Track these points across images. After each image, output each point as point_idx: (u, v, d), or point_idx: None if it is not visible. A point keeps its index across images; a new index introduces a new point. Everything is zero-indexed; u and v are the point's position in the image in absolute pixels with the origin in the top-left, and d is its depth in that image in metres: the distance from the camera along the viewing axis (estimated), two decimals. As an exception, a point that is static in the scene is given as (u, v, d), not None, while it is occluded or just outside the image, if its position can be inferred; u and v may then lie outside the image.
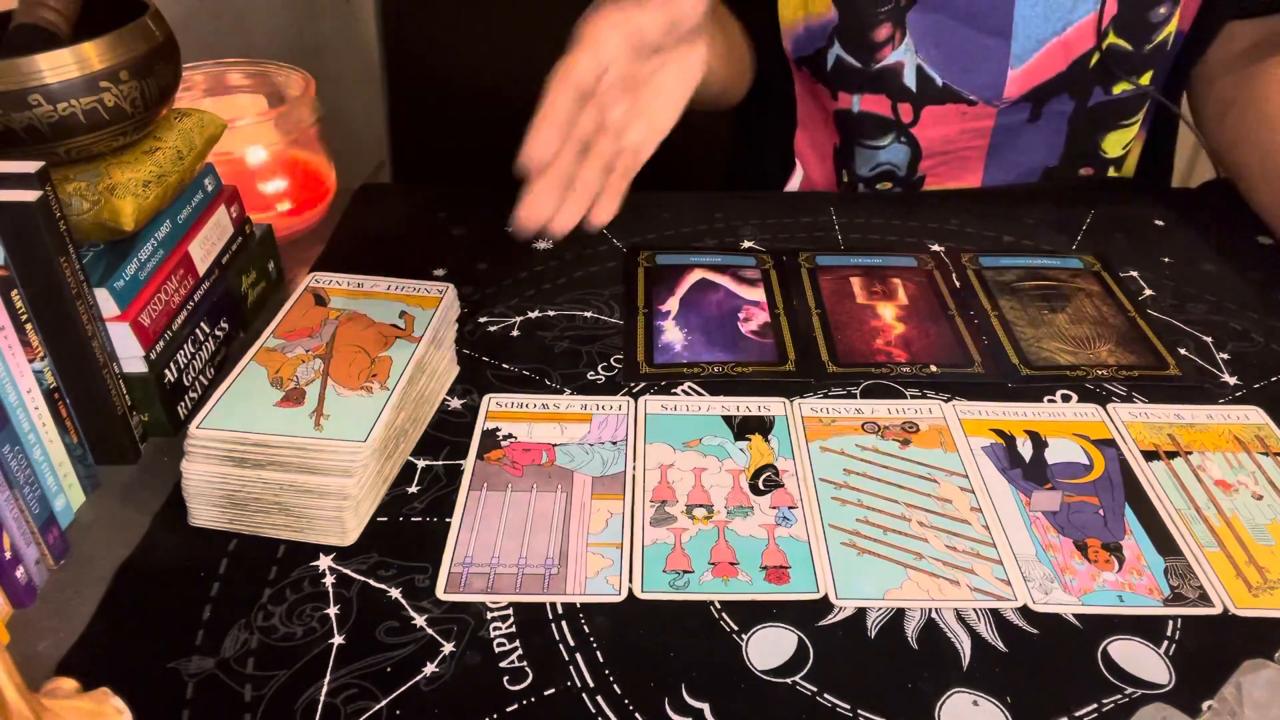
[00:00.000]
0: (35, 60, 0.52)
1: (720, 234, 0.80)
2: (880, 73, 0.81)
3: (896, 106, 0.83)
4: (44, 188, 0.49)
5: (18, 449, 0.49)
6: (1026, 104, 0.82)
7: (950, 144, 0.85)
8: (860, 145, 0.86)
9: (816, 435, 0.59)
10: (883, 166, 0.86)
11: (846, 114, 0.85)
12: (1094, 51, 0.79)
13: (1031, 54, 0.79)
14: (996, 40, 0.79)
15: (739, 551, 0.51)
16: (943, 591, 0.49)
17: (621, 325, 0.68)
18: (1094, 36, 0.78)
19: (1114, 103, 0.83)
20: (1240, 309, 0.71)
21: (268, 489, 0.51)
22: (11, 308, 0.50)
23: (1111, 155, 0.87)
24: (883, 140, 0.85)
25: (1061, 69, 0.80)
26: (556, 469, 0.56)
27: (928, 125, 0.83)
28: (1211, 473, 0.57)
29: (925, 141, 0.84)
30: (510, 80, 1.24)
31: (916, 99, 0.82)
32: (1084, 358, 0.65)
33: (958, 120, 0.83)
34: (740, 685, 0.45)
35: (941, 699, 0.44)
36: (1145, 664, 0.46)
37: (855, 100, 0.83)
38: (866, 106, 0.83)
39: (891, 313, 0.70)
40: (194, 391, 0.61)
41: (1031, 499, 0.55)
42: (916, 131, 0.84)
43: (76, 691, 0.41)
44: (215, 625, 0.47)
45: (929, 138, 0.84)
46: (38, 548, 0.50)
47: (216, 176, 0.67)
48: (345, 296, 0.60)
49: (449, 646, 0.46)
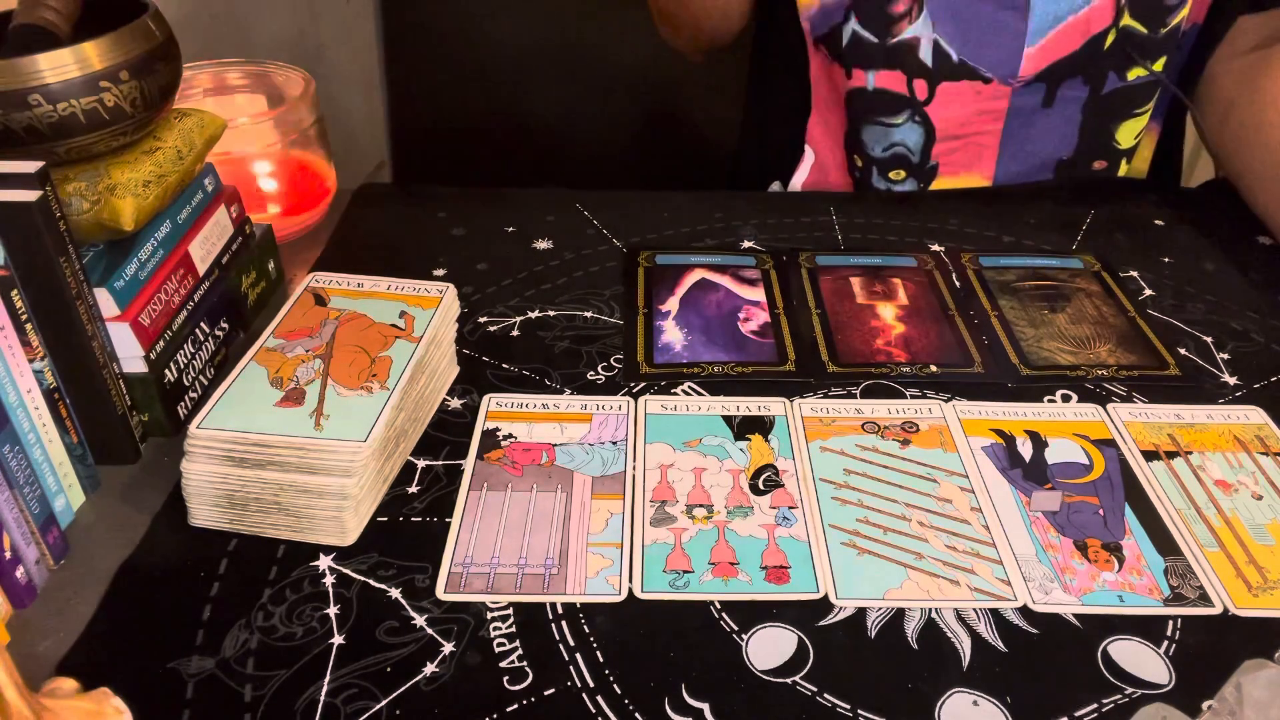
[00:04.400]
0: (35, 60, 0.52)
1: (720, 234, 0.80)
2: (896, 47, 0.81)
3: (912, 83, 0.83)
4: (44, 188, 0.49)
5: (18, 449, 0.49)
6: (1040, 85, 0.82)
7: (964, 126, 0.84)
8: (874, 123, 0.86)
9: (816, 435, 0.59)
10: (896, 148, 0.86)
11: (861, 92, 0.84)
12: (1110, 31, 0.79)
13: (1048, 30, 0.79)
14: (1013, 15, 0.79)
15: (739, 551, 0.51)
16: (943, 591, 0.49)
17: (621, 325, 0.68)
18: (1111, 15, 0.79)
19: (1127, 90, 0.83)
20: (1240, 309, 0.71)
21: (268, 489, 0.51)
22: (11, 308, 0.50)
23: (1124, 146, 0.87)
24: (897, 118, 0.85)
25: (1077, 48, 0.80)
26: (556, 469, 0.56)
27: (942, 104, 0.83)
28: (1211, 473, 0.57)
29: (939, 122, 0.84)
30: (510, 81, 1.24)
31: (932, 75, 0.82)
32: (1084, 358, 0.65)
33: (973, 99, 0.83)
34: (740, 685, 0.45)
35: (941, 699, 0.44)
36: (1145, 664, 0.46)
37: (870, 77, 0.83)
38: (881, 83, 0.83)
39: (891, 313, 0.70)
40: (194, 391, 0.61)
41: (1031, 499, 0.55)
42: (931, 110, 0.83)
43: (76, 691, 0.41)
44: (215, 625, 0.47)
45: (943, 118, 0.84)
46: (38, 548, 0.50)
47: (216, 176, 0.67)
48: (345, 296, 0.60)
49: (449, 646, 0.46)
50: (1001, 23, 0.80)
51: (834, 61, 0.85)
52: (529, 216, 0.81)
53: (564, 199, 0.83)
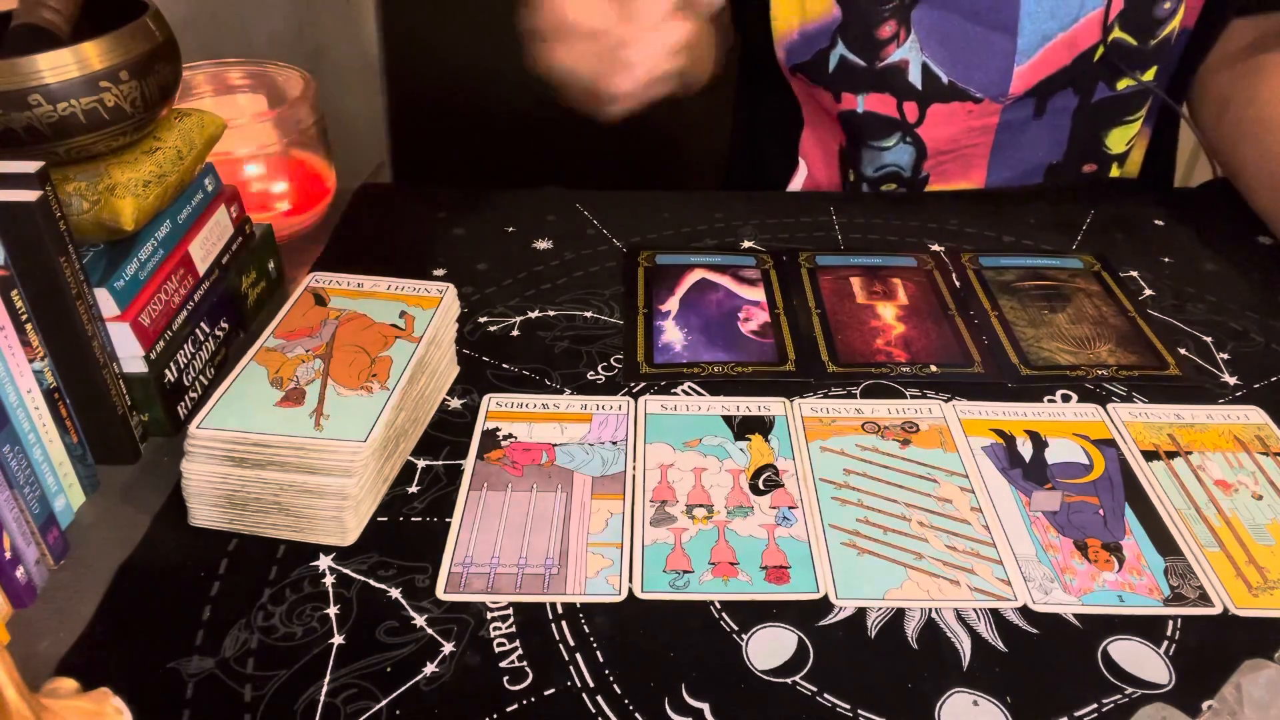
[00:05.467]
0: (35, 60, 0.52)
1: (720, 234, 0.80)
2: (885, 71, 0.81)
3: (902, 106, 0.83)
4: (44, 188, 0.49)
5: (18, 449, 0.49)
6: (1031, 100, 0.82)
7: (955, 143, 0.84)
8: (865, 146, 0.86)
9: (816, 435, 0.59)
10: (888, 168, 0.86)
11: (851, 115, 0.84)
12: (1098, 46, 0.79)
13: (1037, 50, 0.79)
14: (1002, 36, 0.79)
15: (739, 551, 0.51)
16: (943, 591, 0.49)
17: (621, 325, 0.68)
18: (1099, 31, 0.78)
19: (1117, 98, 0.83)
20: (1240, 309, 0.71)
21: (267, 489, 0.51)
22: (11, 308, 0.50)
23: (1115, 151, 0.87)
24: (888, 141, 0.85)
25: (1066, 64, 0.80)
26: (556, 469, 0.56)
27: (933, 124, 0.83)
28: (1211, 473, 0.57)
29: (931, 141, 0.84)
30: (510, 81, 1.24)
31: (922, 98, 0.82)
32: (1084, 358, 0.65)
33: (964, 119, 0.83)
34: (740, 685, 0.45)
35: (941, 699, 0.44)
36: (1145, 664, 0.46)
37: (860, 100, 0.83)
38: (871, 106, 0.83)
39: (891, 313, 0.70)
40: (194, 391, 0.61)
41: (1031, 499, 0.55)
42: (922, 131, 0.84)
43: (76, 691, 0.41)
44: (215, 625, 0.47)
45: (934, 137, 0.84)
46: (38, 548, 0.50)
47: (216, 176, 0.67)
48: (345, 296, 0.60)
49: (449, 646, 0.46)
50: (990, 43, 0.79)
51: (815, 86, 0.85)
52: (529, 216, 0.81)
53: (564, 199, 0.83)
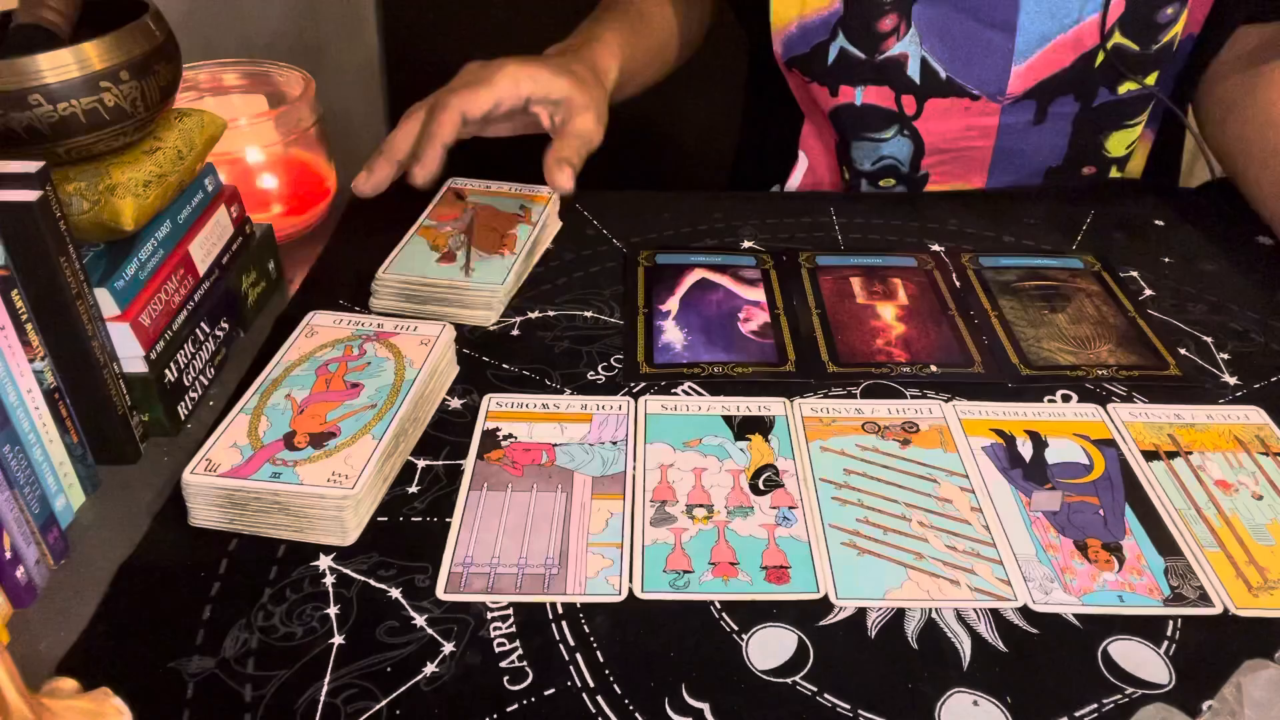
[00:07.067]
0: (35, 60, 0.52)
1: (720, 234, 0.80)
2: (884, 64, 0.81)
3: (900, 99, 0.83)
4: (44, 188, 0.49)
5: (18, 449, 0.49)
6: (1031, 103, 0.82)
7: (954, 142, 0.84)
8: (862, 138, 0.86)
9: (816, 435, 0.59)
10: (885, 161, 0.86)
11: (849, 107, 0.84)
12: (1099, 50, 0.79)
13: (1035, 50, 0.79)
14: (1000, 35, 0.79)
15: (739, 551, 0.51)
16: (943, 591, 0.49)
17: (621, 325, 0.68)
18: (1098, 35, 0.78)
19: (1118, 103, 0.83)
20: (1240, 309, 0.71)
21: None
22: (11, 308, 0.50)
23: (1114, 155, 0.87)
24: (885, 133, 0.85)
25: (1065, 66, 0.80)
26: (556, 469, 0.56)
27: (931, 119, 0.83)
28: (1211, 473, 0.57)
29: (928, 136, 0.84)
30: (510, 80, 1.23)
31: (920, 91, 0.82)
32: (1084, 358, 0.65)
33: (961, 115, 0.83)
34: (740, 685, 0.45)
35: (941, 699, 0.44)
36: (1145, 664, 0.46)
37: (858, 92, 0.83)
38: (869, 99, 0.83)
39: (891, 313, 0.70)
40: (194, 391, 0.61)
41: (1032, 499, 0.55)
42: (919, 125, 0.84)
43: (76, 691, 0.41)
44: (215, 625, 0.47)
45: (932, 132, 0.84)
46: (38, 548, 0.50)
47: (217, 176, 0.67)
48: (478, 194, 0.79)
49: (449, 646, 0.46)
50: (989, 41, 0.79)
51: (810, 81, 0.85)
52: (529, 216, 0.81)
53: (564, 199, 0.83)
